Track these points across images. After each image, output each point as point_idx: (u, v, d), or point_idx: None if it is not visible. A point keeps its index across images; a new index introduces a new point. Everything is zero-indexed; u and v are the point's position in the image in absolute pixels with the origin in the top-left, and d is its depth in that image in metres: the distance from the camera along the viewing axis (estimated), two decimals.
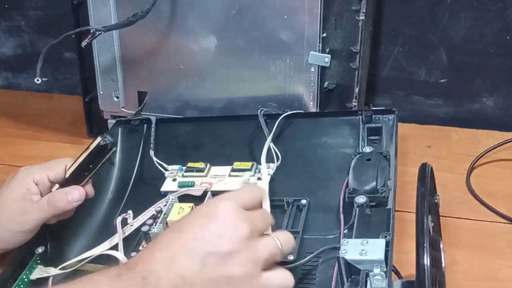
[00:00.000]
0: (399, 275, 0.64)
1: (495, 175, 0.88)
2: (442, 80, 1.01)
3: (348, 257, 0.54)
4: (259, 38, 0.84)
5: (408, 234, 0.70)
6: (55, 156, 0.97)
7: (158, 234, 0.62)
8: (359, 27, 0.83)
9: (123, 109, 0.93)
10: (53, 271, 0.67)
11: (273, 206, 0.70)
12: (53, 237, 0.71)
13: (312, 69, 0.84)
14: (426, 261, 0.51)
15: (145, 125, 0.86)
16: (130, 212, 0.74)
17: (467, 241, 0.76)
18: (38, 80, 0.80)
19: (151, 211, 0.72)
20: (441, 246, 0.65)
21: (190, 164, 0.79)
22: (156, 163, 0.80)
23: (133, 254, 0.67)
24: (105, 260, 0.67)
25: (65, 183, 0.69)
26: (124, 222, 0.72)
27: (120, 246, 0.68)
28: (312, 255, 0.62)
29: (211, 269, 0.50)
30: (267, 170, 0.76)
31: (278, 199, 0.71)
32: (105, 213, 0.77)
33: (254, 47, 0.85)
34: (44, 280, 0.67)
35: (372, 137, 0.78)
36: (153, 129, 0.84)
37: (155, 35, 0.88)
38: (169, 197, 0.73)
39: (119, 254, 0.66)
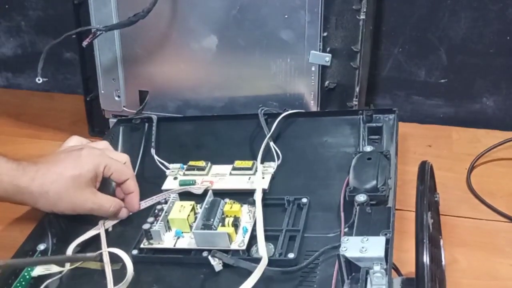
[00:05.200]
0: (399, 273, 0.64)
1: (495, 174, 0.88)
2: (442, 80, 1.01)
3: (349, 254, 0.54)
4: (259, 37, 0.84)
5: (408, 232, 0.70)
6: None
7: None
8: (359, 27, 0.83)
9: (124, 108, 0.93)
10: (54, 268, 0.67)
11: (274, 205, 0.71)
12: (55, 234, 0.71)
13: (313, 68, 0.84)
14: (426, 257, 0.51)
15: (146, 124, 0.86)
16: None
17: (467, 240, 0.76)
18: (39, 80, 0.80)
19: (153, 199, 0.75)
20: (441, 243, 0.65)
21: (191, 163, 0.79)
22: (157, 161, 0.80)
23: (134, 252, 0.67)
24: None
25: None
26: None
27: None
28: (312, 257, 0.62)
29: None
30: (267, 169, 0.76)
31: (279, 198, 0.72)
32: None
33: (254, 46, 0.85)
34: (45, 277, 0.67)
35: (373, 136, 0.78)
36: (154, 128, 0.84)
37: (156, 34, 0.88)
38: (170, 194, 0.74)
39: (121, 252, 0.67)
